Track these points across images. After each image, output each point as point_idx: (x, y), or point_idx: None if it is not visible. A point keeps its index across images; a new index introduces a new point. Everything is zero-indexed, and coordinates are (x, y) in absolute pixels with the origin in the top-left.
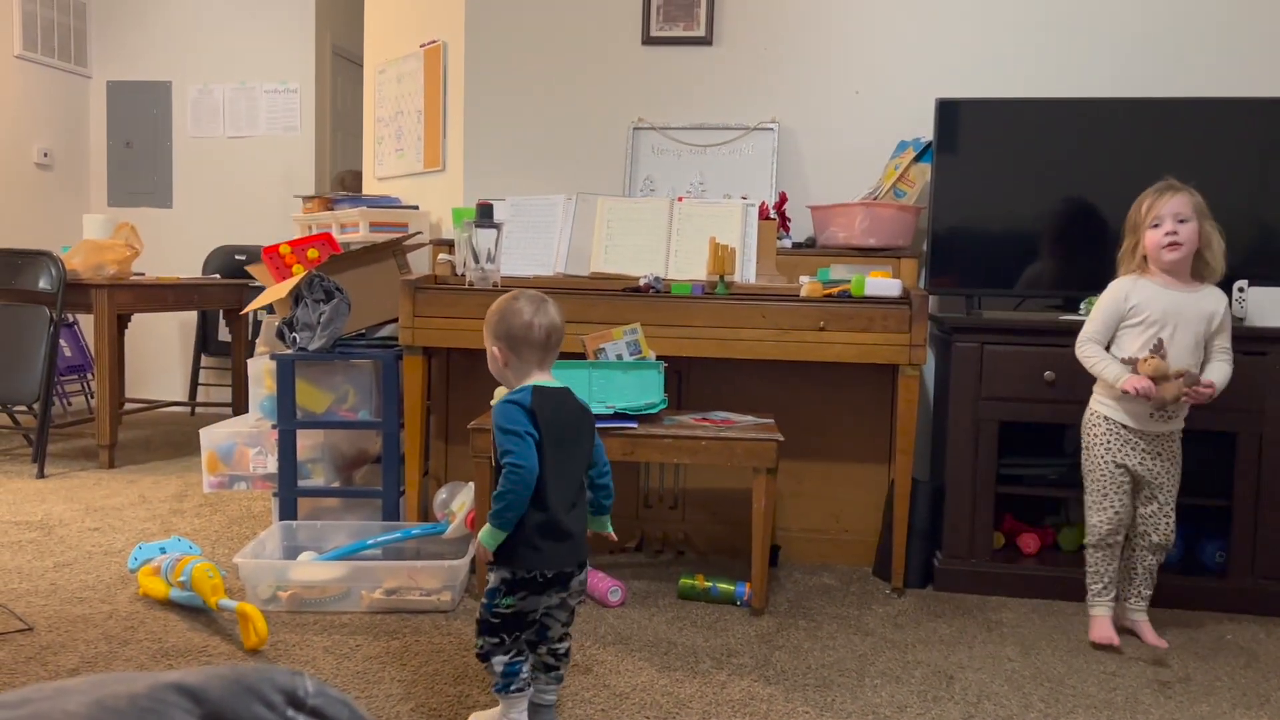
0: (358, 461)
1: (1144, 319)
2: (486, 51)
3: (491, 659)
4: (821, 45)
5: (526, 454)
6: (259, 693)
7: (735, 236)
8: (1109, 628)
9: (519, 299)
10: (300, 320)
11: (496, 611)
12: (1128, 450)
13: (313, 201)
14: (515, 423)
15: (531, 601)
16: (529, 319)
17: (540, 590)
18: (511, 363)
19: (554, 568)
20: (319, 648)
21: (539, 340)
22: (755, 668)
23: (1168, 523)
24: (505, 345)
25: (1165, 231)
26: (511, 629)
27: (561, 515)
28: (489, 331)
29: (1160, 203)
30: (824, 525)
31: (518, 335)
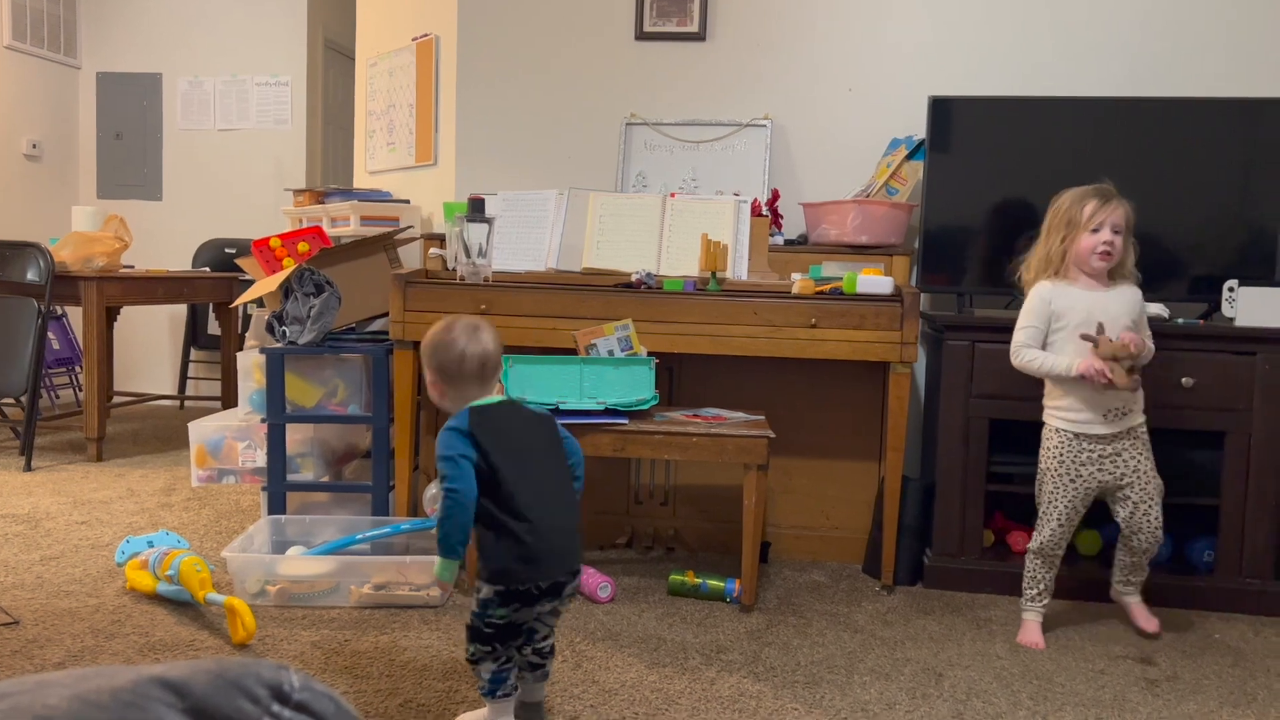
0: (347, 456)
1: (1071, 323)
2: (479, 45)
3: (480, 665)
4: (815, 42)
5: (461, 478)
6: (244, 687)
7: (728, 233)
8: (1037, 633)
9: (452, 329)
10: (290, 314)
11: (490, 622)
12: (1082, 463)
13: (303, 195)
14: (450, 448)
15: (525, 613)
16: (461, 349)
17: (534, 601)
18: (448, 392)
19: (548, 579)
20: (307, 642)
21: (472, 372)
22: (744, 664)
23: (1149, 523)
24: (439, 376)
25: (1102, 240)
26: (504, 639)
27: (546, 523)
28: (424, 361)
29: (1105, 210)
30: (814, 522)
31: (450, 367)
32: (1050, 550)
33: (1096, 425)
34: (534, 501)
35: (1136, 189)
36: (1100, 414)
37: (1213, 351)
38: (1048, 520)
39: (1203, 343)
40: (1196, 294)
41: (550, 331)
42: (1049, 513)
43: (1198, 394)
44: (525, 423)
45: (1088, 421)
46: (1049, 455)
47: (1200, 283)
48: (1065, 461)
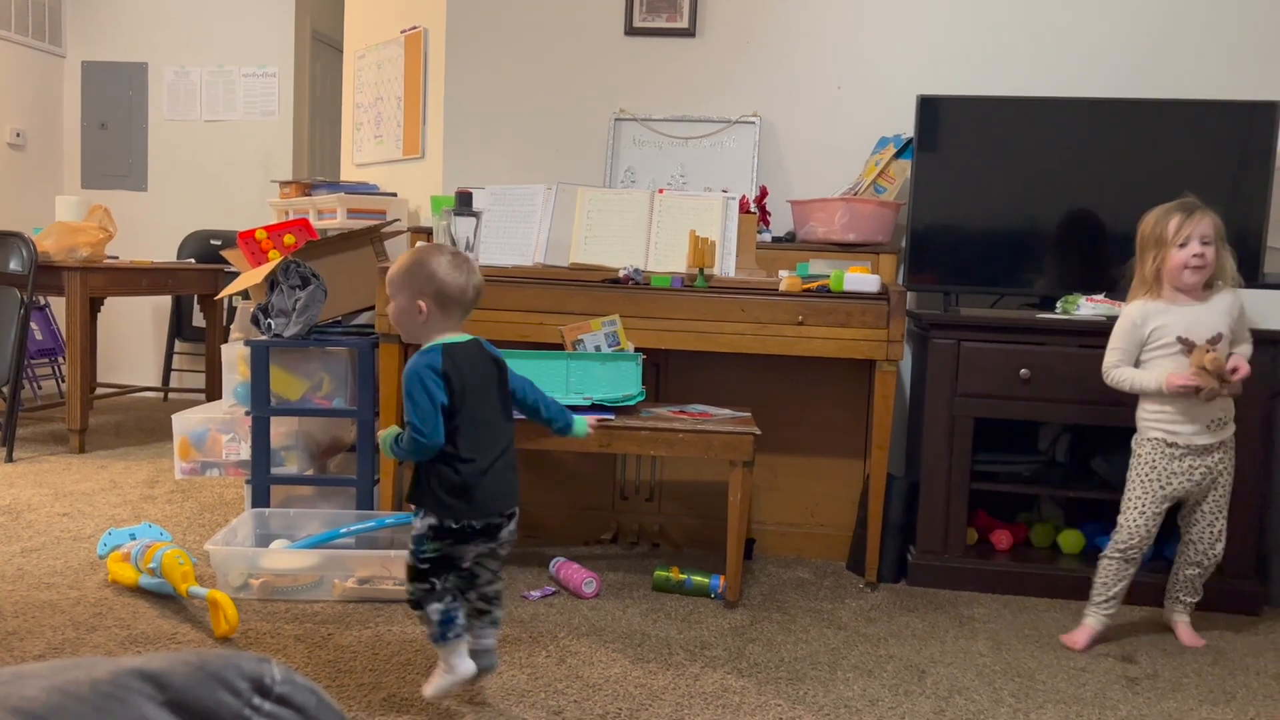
0: (332, 449)
1: (1166, 339)
2: (468, 39)
3: (426, 606)
4: (804, 40)
5: (433, 428)
6: (224, 679)
7: (715, 229)
8: (1085, 638)
9: (443, 254)
10: (276, 306)
11: (424, 557)
12: (1173, 472)
13: (290, 187)
14: (423, 387)
15: (458, 549)
16: (464, 280)
17: (467, 540)
18: (434, 320)
19: (482, 518)
20: (290, 636)
21: (470, 300)
22: (728, 660)
23: (1211, 537)
24: (434, 302)
25: (1192, 253)
26: (439, 571)
27: (487, 465)
28: (408, 285)
29: (1190, 223)
30: (799, 519)
31: (450, 294)
32: (1130, 553)
33: (1200, 436)
34: (480, 442)
35: (1122, 190)
36: (1204, 424)
37: None
38: (1130, 522)
39: None
40: None
41: (537, 327)
42: (1132, 516)
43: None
44: (485, 364)
45: (1191, 433)
46: (1141, 462)
47: None
48: (1158, 468)
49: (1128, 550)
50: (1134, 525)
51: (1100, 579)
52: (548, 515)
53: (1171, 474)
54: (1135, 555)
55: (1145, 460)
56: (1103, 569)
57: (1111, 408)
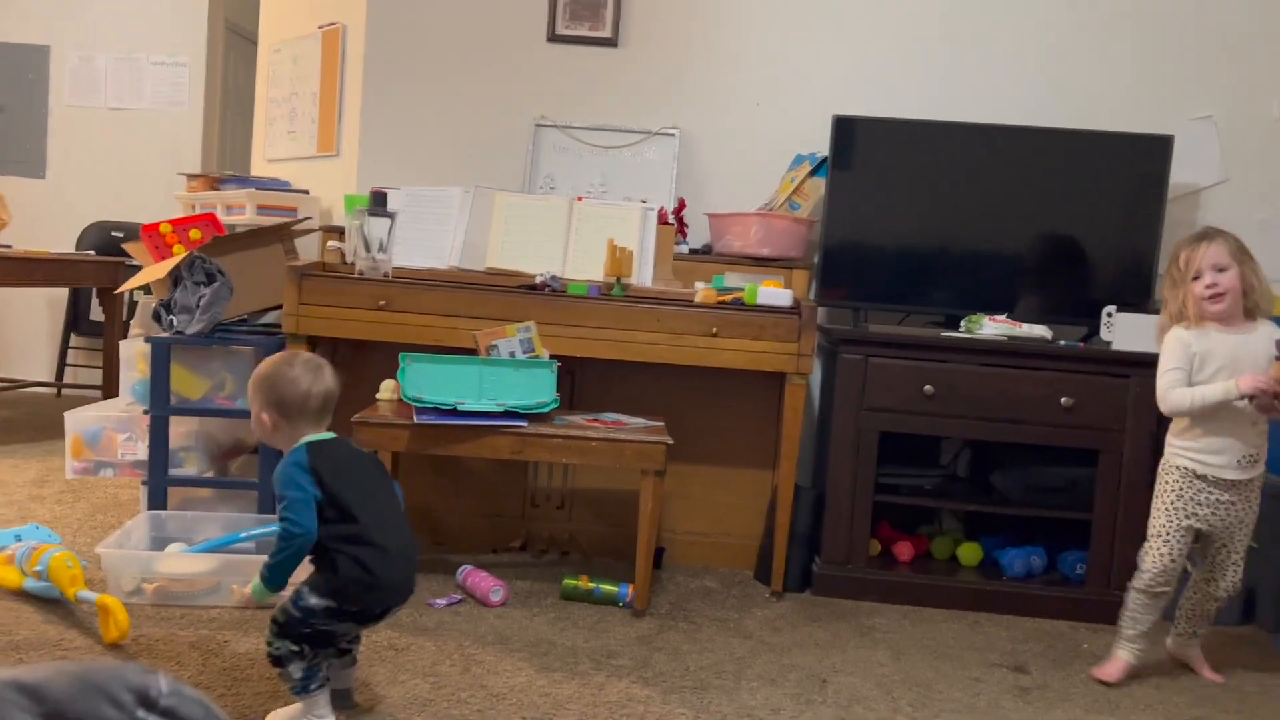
0: (234, 451)
1: (1216, 367)
2: (388, 37)
3: (288, 665)
4: (725, 56)
5: (305, 518)
6: (107, 691)
7: (634, 239)
8: (1120, 672)
9: (294, 365)
10: (179, 302)
11: (312, 626)
12: (1199, 504)
13: (198, 180)
14: (291, 485)
15: (347, 627)
16: (306, 388)
17: (365, 623)
18: (282, 428)
19: (384, 605)
20: (184, 643)
21: (315, 409)
22: (634, 669)
23: (1235, 572)
24: (276, 412)
25: (1205, 284)
26: (316, 643)
27: (395, 552)
28: (257, 396)
29: (1196, 254)
30: (708, 528)
31: (293, 404)
32: (1157, 587)
33: (1229, 470)
34: (384, 530)
35: (1024, 214)
36: (1235, 458)
37: (1091, 373)
38: (1153, 554)
39: (1082, 364)
40: (1078, 317)
41: (450, 331)
42: (1156, 545)
43: (1075, 413)
44: (359, 458)
45: (1221, 466)
46: (1167, 491)
47: (1082, 307)
48: (1185, 498)
49: (1153, 586)
50: (1158, 555)
51: (1129, 613)
52: (456, 522)
53: (1198, 505)
54: (1162, 590)
55: (1171, 489)
56: (1130, 603)
57: (1010, 424)
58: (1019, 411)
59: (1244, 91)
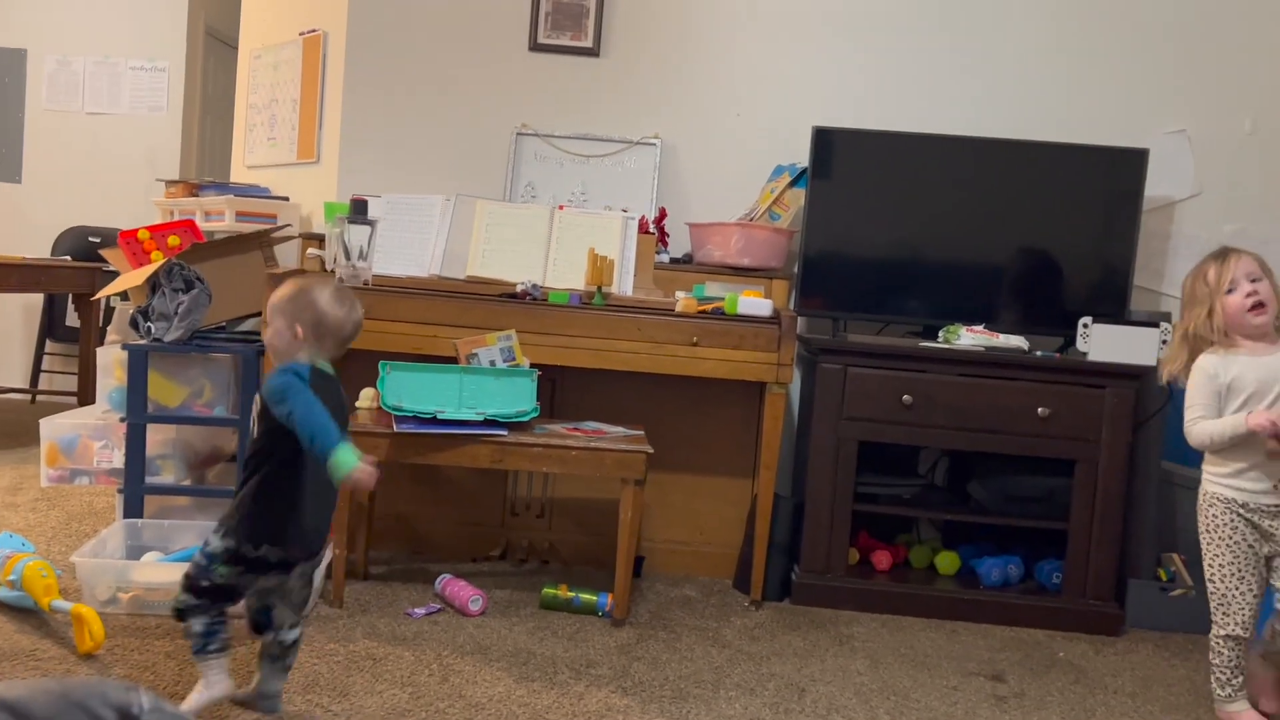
0: (211, 459)
1: (1247, 394)
2: (369, 45)
3: (190, 619)
4: (706, 67)
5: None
6: (88, 709)
7: (615, 248)
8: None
9: (327, 287)
10: (157, 309)
11: (210, 578)
12: (1243, 534)
13: (176, 186)
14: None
15: (247, 579)
16: (345, 315)
17: (261, 571)
18: (309, 347)
19: (288, 555)
20: (160, 652)
21: (347, 335)
22: (613, 679)
23: None
24: (311, 330)
25: (1246, 293)
26: (217, 597)
27: (308, 504)
28: (289, 310)
29: (1227, 267)
30: (688, 537)
31: (328, 327)
32: (1240, 631)
33: (1267, 496)
34: (311, 484)
35: (1002, 226)
36: (1271, 484)
37: (1067, 384)
38: (1233, 598)
39: (1058, 375)
40: (1055, 328)
41: (431, 339)
42: (1223, 591)
43: (1052, 423)
44: (338, 402)
45: (1257, 492)
46: (1209, 528)
47: (1058, 318)
48: (1224, 529)
49: (1240, 627)
50: (1227, 595)
51: (1225, 666)
52: (435, 531)
53: (1241, 534)
54: (1241, 633)
55: (1213, 524)
56: (1221, 654)
57: (988, 434)
58: (996, 421)
59: (1216, 107)
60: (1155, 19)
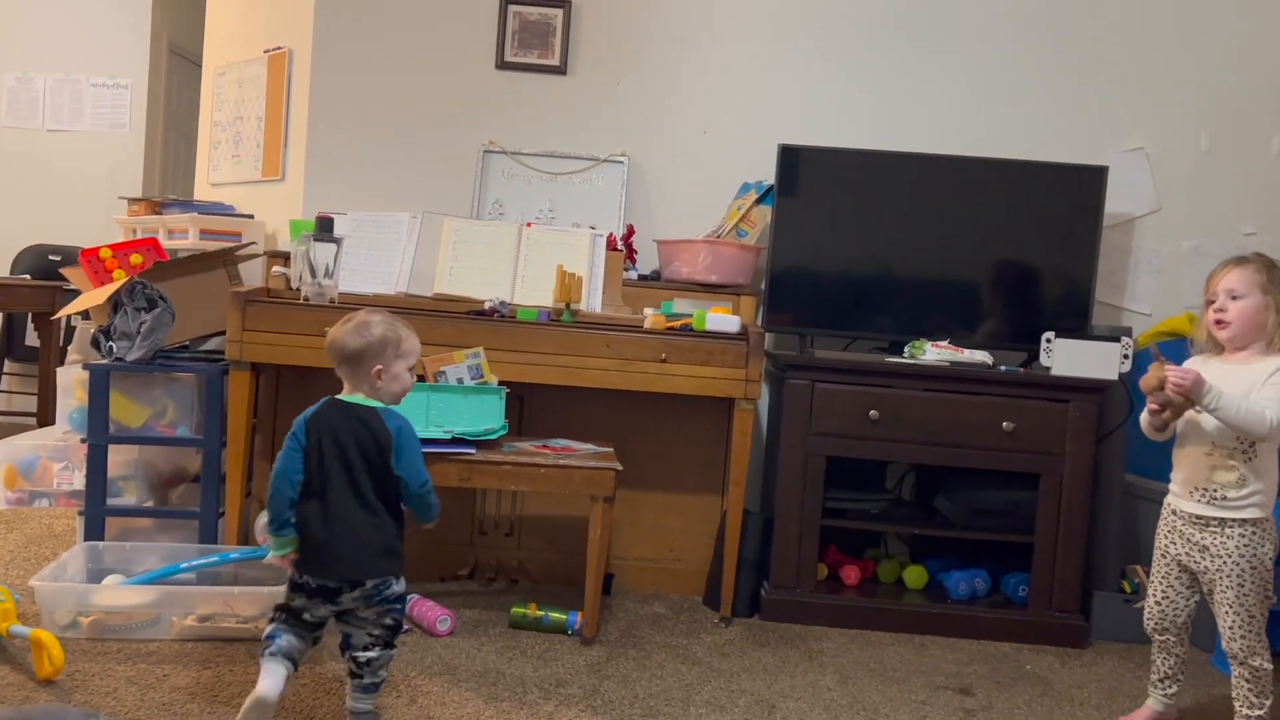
0: (174, 480)
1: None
2: (335, 62)
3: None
4: (672, 85)
5: (281, 457)
6: None
7: (583, 265)
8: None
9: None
10: (119, 329)
11: (285, 599)
12: (1173, 540)
13: (139, 204)
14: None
15: (302, 602)
16: (332, 338)
17: (308, 596)
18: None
19: (315, 578)
20: (121, 678)
21: (334, 362)
22: (583, 698)
23: (1225, 626)
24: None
25: (1214, 308)
26: (285, 615)
27: (329, 529)
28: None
29: (1215, 278)
30: (658, 554)
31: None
32: (1153, 632)
33: (1187, 502)
34: (334, 508)
35: (966, 243)
36: (1191, 488)
37: (1031, 398)
38: (1150, 597)
39: (1022, 390)
40: (1019, 343)
41: None
42: (1150, 589)
43: (1016, 437)
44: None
45: (1180, 496)
46: (1159, 526)
47: (1022, 333)
48: (1161, 533)
49: (1149, 625)
50: (1150, 594)
51: (1151, 656)
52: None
53: (1170, 539)
54: (1156, 634)
55: (1160, 526)
56: (1151, 647)
57: (954, 449)
58: (962, 436)
59: (1174, 124)
60: (1113, 39)
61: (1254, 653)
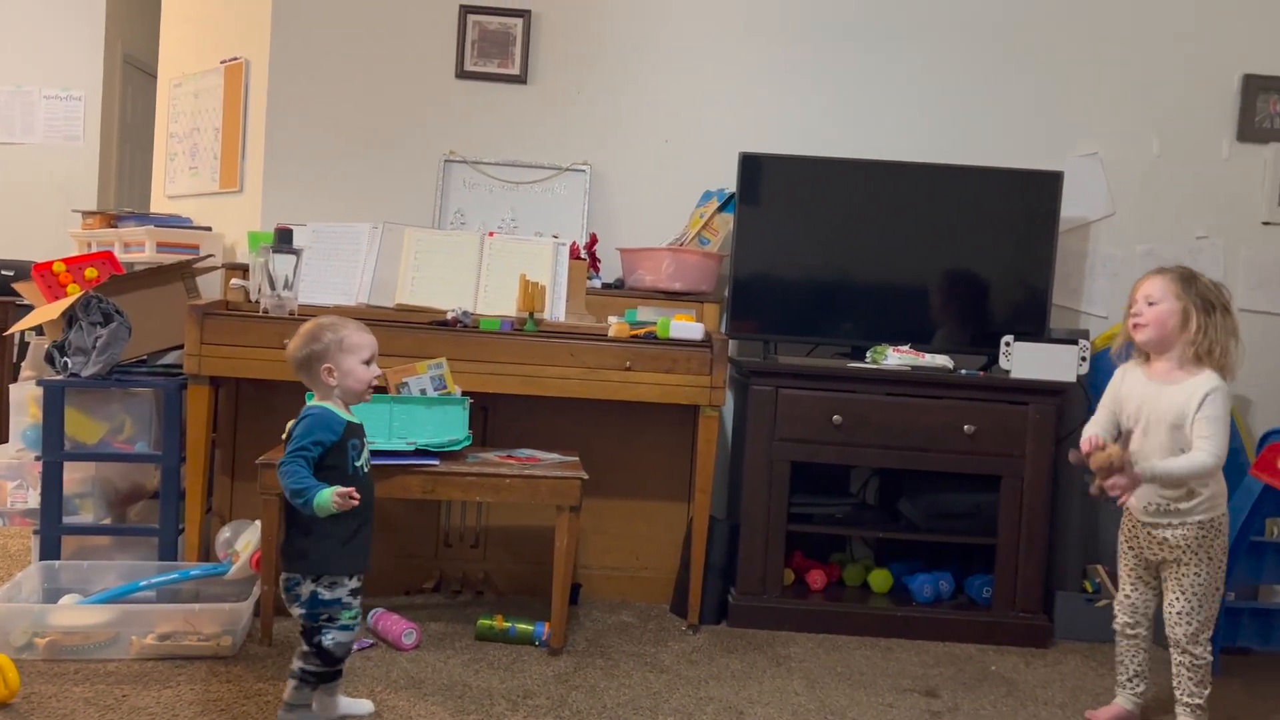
0: (132, 497)
1: (1132, 409)
2: (292, 73)
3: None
4: (633, 93)
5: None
6: None
7: (546, 274)
8: (1108, 714)
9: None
10: (74, 344)
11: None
12: (1137, 533)
13: (94, 217)
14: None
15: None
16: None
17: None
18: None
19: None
20: (79, 699)
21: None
22: (551, 709)
23: (1173, 612)
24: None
25: (1133, 313)
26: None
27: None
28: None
29: (1136, 287)
30: (624, 563)
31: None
32: (1121, 629)
33: (1140, 512)
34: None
35: (925, 248)
36: (1142, 505)
37: (991, 401)
38: (1119, 592)
39: (982, 393)
40: (978, 347)
41: None
42: (1120, 585)
43: (977, 440)
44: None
45: (1133, 507)
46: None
47: (981, 337)
48: (1124, 532)
49: (1120, 622)
50: (1120, 591)
51: (1117, 657)
52: None
53: (1134, 534)
54: (1128, 630)
55: (1121, 526)
56: (1117, 647)
57: (916, 452)
58: (924, 439)
59: (1126, 131)
60: (1067, 47)
61: (1196, 640)
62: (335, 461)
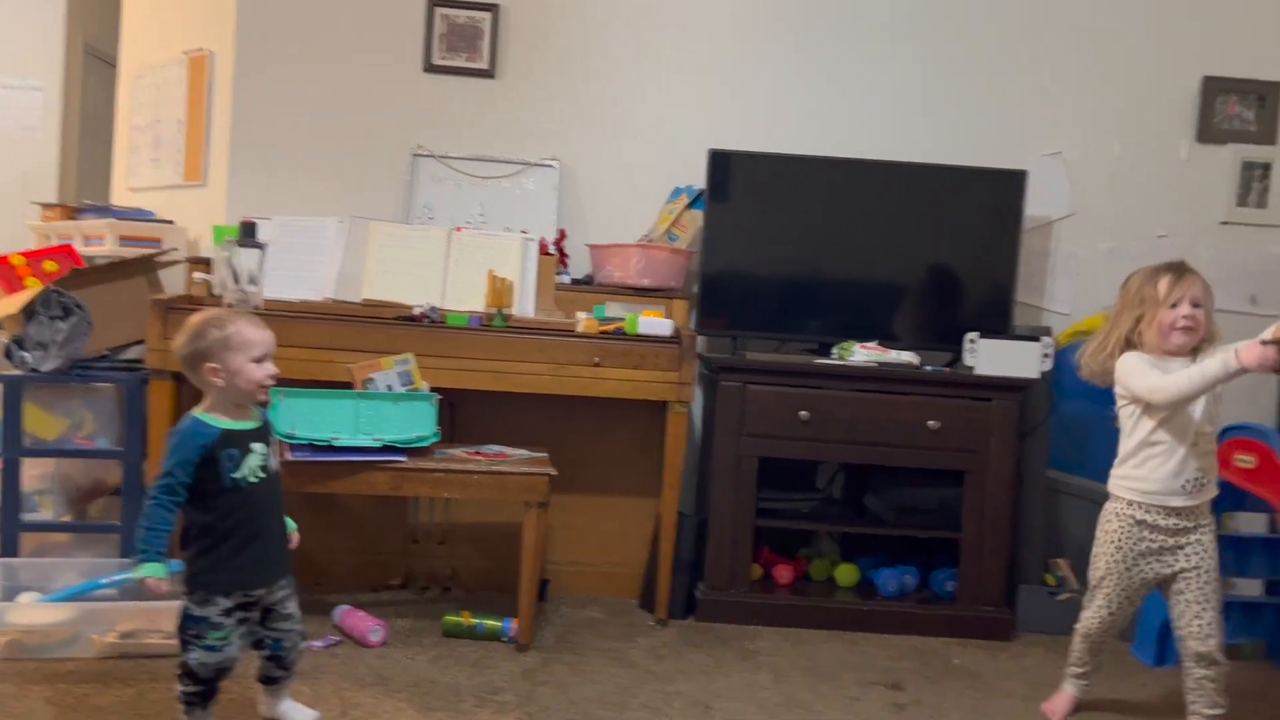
0: (94, 493)
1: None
2: (258, 65)
3: None
4: (602, 89)
5: None
6: None
7: (514, 270)
8: (1064, 705)
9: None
10: (33, 338)
11: None
12: (1140, 553)
13: (54, 210)
14: None
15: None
16: None
17: None
18: None
19: None
20: (38, 698)
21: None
22: (518, 705)
23: (1201, 625)
24: None
25: (1182, 315)
26: None
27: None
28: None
29: (1181, 285)
30: (593, 558)
31: None
32: (1097, 636)
33: (1174, 496)
34: None
35: (891, 245)
36: (1179, 484)
37: (955, 397)
38: (1096, 604)
39: (947, 389)
40: (943, 343)
41: (326, 365)
42: (1099, 596)
43: (942, 435)
44: None
45: (1161, 494)
46: (1106, 538)
47: (947, 333)
48: (1123, 549)
49: (1098, 634)
50: (1099, 609)
51: (1074, 653)
52: (332, 561)
53: (1138, 554)
54: (1103, 641)
55: (1112, 538)
56: (1074, 644)
57: (882, 448)
58: (890, 435)
59: (1089, 131)
60: (1031, 47)
61: (1222, 650)
62: (205, 477)
